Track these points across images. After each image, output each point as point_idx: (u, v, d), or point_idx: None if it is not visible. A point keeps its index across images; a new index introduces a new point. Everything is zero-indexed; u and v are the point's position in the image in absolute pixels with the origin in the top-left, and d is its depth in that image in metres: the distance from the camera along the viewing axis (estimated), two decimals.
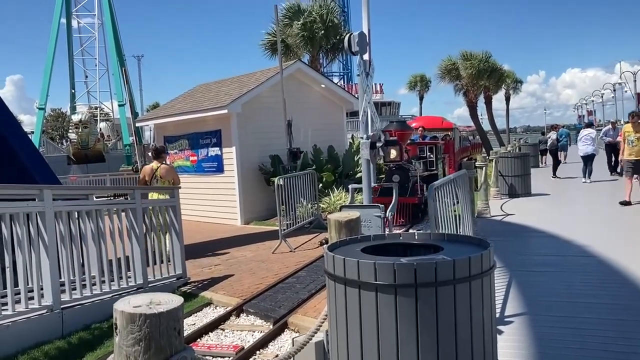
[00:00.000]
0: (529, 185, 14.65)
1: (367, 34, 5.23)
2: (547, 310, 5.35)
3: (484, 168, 12.27)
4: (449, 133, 21.64)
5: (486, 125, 46.19)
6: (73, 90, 49.19)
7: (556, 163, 19.34)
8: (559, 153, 20.51)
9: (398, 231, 8.68)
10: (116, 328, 1.72)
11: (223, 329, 6.35)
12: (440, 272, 2.49)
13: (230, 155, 14.40)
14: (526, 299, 5.71)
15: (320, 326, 3.19)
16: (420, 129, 17.44)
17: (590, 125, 21.15)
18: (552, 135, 20.28)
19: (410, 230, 8.59)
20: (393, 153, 10.41)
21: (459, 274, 2.52)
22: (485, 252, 2.65)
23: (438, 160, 14.45)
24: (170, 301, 1.76)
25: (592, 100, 50.70)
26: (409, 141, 14.08)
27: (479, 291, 2.60)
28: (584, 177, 16.44)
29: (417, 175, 12.73)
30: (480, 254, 2.61)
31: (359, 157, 13.70)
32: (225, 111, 13.87)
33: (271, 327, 6.17)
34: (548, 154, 21.97)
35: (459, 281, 2.52)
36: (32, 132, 39.62)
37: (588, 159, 16.46)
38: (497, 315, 4.98)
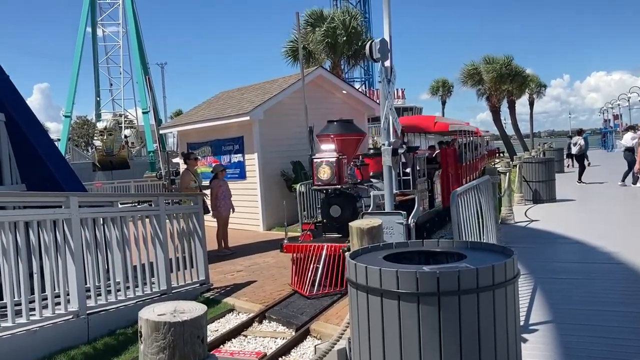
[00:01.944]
0: (554, 190, 14.44)
1: (388, 41, 5.23)
2: (572, 318, 5.26)
3: (507, 173, 12.13)
4: (457, 138, 16.92)
5: (509, 130, 45.72)
6: (98, 98, 50.04)
7: (582, 168, 19.05)
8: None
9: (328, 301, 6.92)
10: (141, 336, 1.74)
11: (246, 335, 6.37)
12: (464, 281, 2.47)
13: (252, 162, 14.49)
14: (551, 306, 5.63)
15: (343, 334, 3.18)
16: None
17: (633, 128, 20.75)
18: (580, 141, 19.96)
19: None
20: (323, 172, 7.55)
21: (482, 282, 2.50)
22: (509, 261, 2.62)
23: (433, 178, 10.75)
24: (194, 309, 1.78)
25: (619, 104, 49.79)
26: (371, 151, 10.89)
27: (502, 300, 2.57)
28: (624, 180, 16.26)
29: (377, 204, 8.15)
30: (504, 262, 2.59)
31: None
32: (248, 118, 13.97)
33: (293, 333, 6.17)
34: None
35: (482, 290, 2.51)
36: (59, 140, 40.35)
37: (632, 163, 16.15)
38: (522, 323, 4.92)
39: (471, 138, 18.80)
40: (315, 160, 7.70)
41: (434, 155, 12.83)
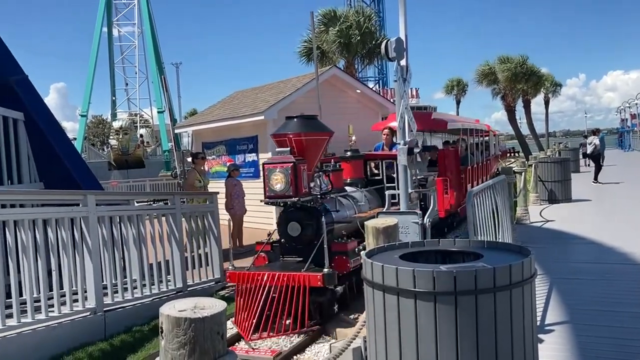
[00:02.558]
0: (570, 190, 14.32)
1: (404, 40, 5.23)
2: (589, 319, 5.23)
3: (523, 173, 12.06)
4: (464, 138, 14.26)
5: (525, 130, 45.44)
6: (114, 98, 50.49)
7: (598, 168, 18.88)
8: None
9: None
10: (162, 332, 1.77)
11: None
12: (481, 280, 2.48)
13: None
14: (568, 307, 5.59)
15: (359, 333, 3.20)
16: (385, 131, 10.82)
17: None
18: (595, 141, 19.78)
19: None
20: (276, 181, 6.12)
21: (499, 282, 2.50)
22: (526, 260, 2.62)
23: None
24: (213, 306, 1.81)
25: (636, 103, 49.20)
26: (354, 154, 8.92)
27: (519, 299, 2.57)
28: None
29: (349, 220, 7.32)
30: (521, 261, 2.59)
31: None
32: (262, 117, 14.01)
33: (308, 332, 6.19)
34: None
35: (499, 289, 2.51)
36: (75, 139, 40.72)
37: None
38: (538, 323, 4.89)
39: (481, 137, 16.92)
40: (266, 166, 6.31)
41: (436, 158, 10.96)
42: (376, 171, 9.39)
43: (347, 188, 8.00)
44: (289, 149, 6.33)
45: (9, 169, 7.93)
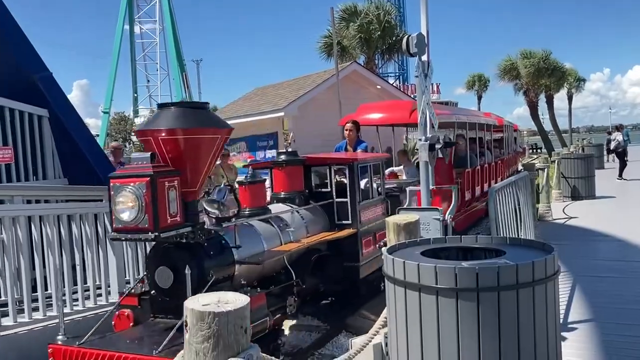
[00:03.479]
0: (593, 187, 14.12)
1: (425, 35, 5.20)
2: (613, 317, 5.16)
3: (545, 170, 11.92)
4: (462, 134, 11.75)
5: (547, 125, 44.89)
6: (135, 94, 51.15)
7: (622, 164, 18.59)
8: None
9: None
10: (186, 325, 1.79)
11: (282, 329, 6.42)
12: (503, 277, 2.46)
13: None
14: (591, 305, 5.53)
15: (380, 329, 3.20)
16: (348, 125, 8.30)
17: None
18: (618, 137, 19.47)
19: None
20: (123, 204, 3.91)
21: (522, 278, 2.48)
22: (549, 257, 2.60)
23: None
24: (237, 300, 1.82)
25: None
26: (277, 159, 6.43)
27: (542, 297, 2.55)
28: None
29: (268, 257, 4.86)
30: (545, 258, 2.56)
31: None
32: (282, 114, 14.08)
33: (328, 327, 6.20)
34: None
35: (522, 286, 2.49)
36: (97, 135, 41.25)
37: None
38: (561, 321, 4.85)
39: (493, 133, 14.52)
40: (112, 181, 4.01)
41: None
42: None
43: (273, 207, 5.63)
44: (149, 154, 3.98)
45: (34, 165, 8.07)
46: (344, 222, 5.95)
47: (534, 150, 47.03)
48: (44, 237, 5.62)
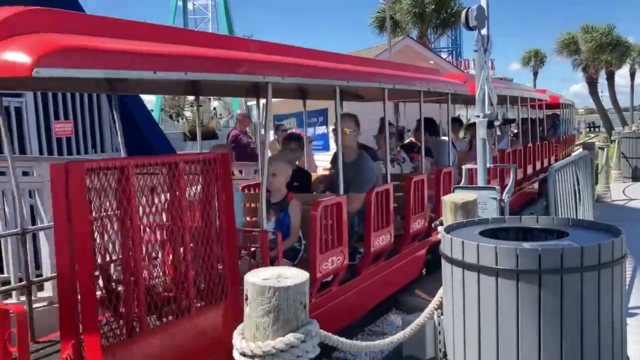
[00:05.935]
0: None
1: (485, 8, 5.02)
2: None
3: (605, 149, 11.48)
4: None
5: (607, 103, 43.06)
6: None
7: None
8: None
9: None
10: (246, 299, 1.80)
11: None
12: (567, 259, 2.38)
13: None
14: None
15: (435, 309, 3.16)
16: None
17: None
18: None
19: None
20: None
21: (587, 261, 2.39)
22: (616, 240, 2.49)
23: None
24: (297, 275, 1.82)
25: None
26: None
27: (608, 281, 2.45)
28: None
29: None
30: (612, 241, 2.46)
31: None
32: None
33: (379, 304, 6.20)
34: None
35: (586, 269, 2.40)
36: (152, 110, 42.13)
37: None
38: None
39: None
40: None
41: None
42: None
43: None
44: None
45: (93, 139, 8.32)
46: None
47: (592, 129, 45.34)
48: None
